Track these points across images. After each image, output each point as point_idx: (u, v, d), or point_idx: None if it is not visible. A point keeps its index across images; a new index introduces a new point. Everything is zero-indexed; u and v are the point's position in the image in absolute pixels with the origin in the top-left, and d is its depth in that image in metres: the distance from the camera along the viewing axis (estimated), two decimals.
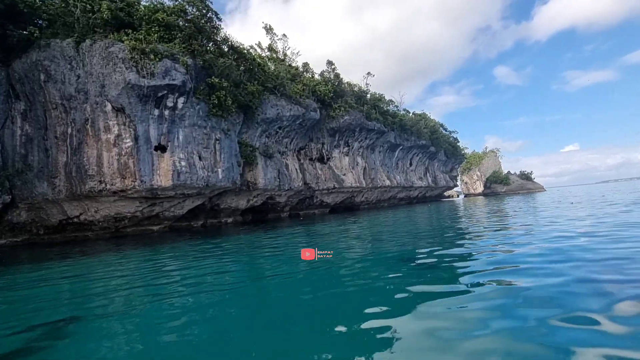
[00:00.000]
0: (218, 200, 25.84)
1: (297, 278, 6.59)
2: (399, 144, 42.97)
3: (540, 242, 7.89)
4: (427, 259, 7.04)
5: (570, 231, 9.33)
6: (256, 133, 26.05)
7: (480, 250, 7.88)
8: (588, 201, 23.74)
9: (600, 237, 8.03)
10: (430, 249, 8.26)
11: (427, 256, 7.37)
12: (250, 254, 10.63)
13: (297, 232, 16.73)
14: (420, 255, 7.58)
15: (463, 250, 8.04)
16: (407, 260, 7.11)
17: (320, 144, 33.78)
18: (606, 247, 6.80)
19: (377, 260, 7.71)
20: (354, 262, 7.64)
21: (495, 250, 7.55)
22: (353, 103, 32.99)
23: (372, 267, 6.99)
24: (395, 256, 7.86)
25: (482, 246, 8.45)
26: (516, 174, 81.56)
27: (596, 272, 5.11)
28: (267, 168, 26.81)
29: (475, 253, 7.53)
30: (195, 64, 19.01)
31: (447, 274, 5.88)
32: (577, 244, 7.36)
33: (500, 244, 8.40)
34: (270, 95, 26.12)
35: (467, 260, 6.76)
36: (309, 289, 5.73)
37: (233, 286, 6.35)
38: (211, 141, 20.48)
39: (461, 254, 7.40)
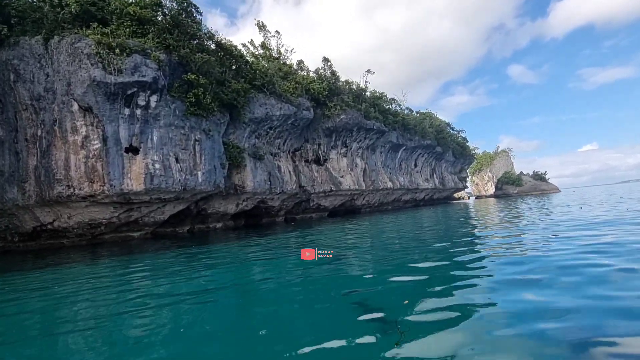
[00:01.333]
0: (205, 205, 24.57)
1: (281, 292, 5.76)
2: (402, 144, 41.05)
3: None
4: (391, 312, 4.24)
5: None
6: (244, 134, 24.71)
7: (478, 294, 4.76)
8: (601, 204, 21.48)
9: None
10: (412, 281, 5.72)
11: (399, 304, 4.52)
12: (233, 264, 9.48)
13: (281, 239, 15.26)
14: (388, 303, 4.69)
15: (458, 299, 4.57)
16: (360, 306, 4.56)
17: (317, 145, 32.25)
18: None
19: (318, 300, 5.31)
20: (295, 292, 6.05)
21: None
22: (350, 101, 31.37)
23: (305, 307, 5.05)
24: (350, 300, 4.97)
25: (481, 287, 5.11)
26: (529, 175, 78.09)
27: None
28: (257, 170, 25.42)
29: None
30: (170, 59, 17.79)
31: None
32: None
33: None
34: (259, 94, 24.77)
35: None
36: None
37: (208, 298, 5.75)
38: (190, 142, 19.20)
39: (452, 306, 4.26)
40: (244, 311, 5.10)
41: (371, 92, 36.79)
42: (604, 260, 5.79)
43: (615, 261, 5.71)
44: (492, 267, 6.35)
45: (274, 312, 4.71)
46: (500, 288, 4.80)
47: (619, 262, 5.66)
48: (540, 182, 74.70)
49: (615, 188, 79.62)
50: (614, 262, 5.66)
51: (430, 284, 5.32)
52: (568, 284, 4.73)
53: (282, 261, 9.47)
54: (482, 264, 6.70)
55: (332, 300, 5.08)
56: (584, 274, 5.08)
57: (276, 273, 7.70)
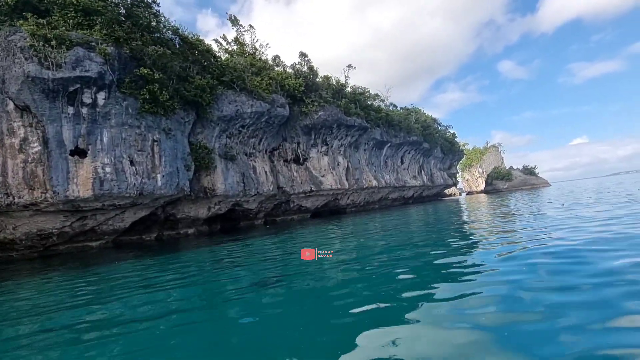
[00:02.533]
0: (173, 210, 23.11)
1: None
2: (387, 141, 39.86)
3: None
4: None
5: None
6: (213, 133, 23.27)
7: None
8: (586, 199, 20.46)
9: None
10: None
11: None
12: (197, 275, 8.26)
13: (252, 244, 13.93)
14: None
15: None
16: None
17: (295, 144, 30.91)
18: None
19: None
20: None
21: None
22: (329, 97, 30.07)
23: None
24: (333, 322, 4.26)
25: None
26: (519, 169, 77.50)
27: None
28: (228, 172, 24.01)
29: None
30: (120, 53, 16.30)
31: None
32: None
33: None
34: (228, 91, 23.36)
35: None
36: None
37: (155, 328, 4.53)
38: (147, 143, 17.74)
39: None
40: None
41: (352, 87, 35.54)
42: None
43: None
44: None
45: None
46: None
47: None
48: (530, 176, 74.04)
49: (605, 180, 79.69)
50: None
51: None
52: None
53: (253, 269, 8.28)
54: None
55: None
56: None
57: (245, 286, 6.49)
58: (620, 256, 5.48)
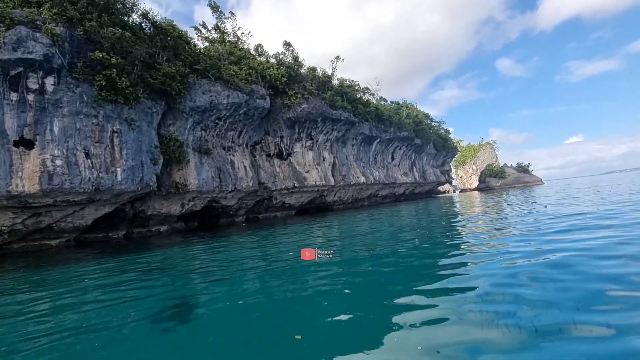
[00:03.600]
0: (142, 206, 21.78)
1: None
2: (376, 136, 38.59)
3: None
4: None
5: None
6: (186, 125, 21.89)
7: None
8: (573, 198, 19.39)
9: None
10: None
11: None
12: (158, 279, 7.39)
13: (226, 243, 12.68)
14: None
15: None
16: None
17: (279, 138, 29.58)
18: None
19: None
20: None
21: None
22: (313, 89, 28.69)
23: None
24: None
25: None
26: (512, 167, 76.60)
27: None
28: (203, 166, 22.66)
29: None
30: (72, 34, 14.84)
31: None
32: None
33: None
34: (203, 80, 21.94)
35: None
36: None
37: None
38: (106, 134, 16.35)
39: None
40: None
41: (340, 79, 34.13)
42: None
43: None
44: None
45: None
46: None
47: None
48: (523, 174, 73.15)
49: (600, 179, 79.19)
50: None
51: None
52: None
53: (178, 281, 7.12)
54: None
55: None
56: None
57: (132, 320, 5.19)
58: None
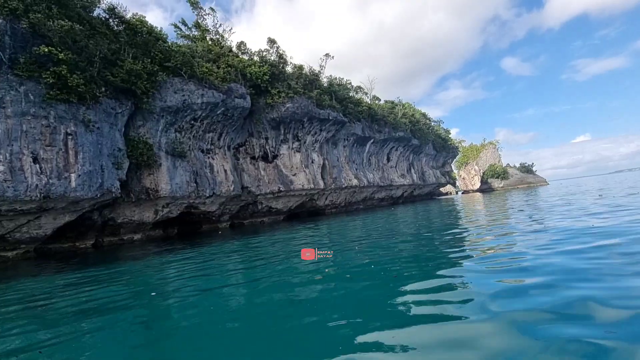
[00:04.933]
0: (112, 214, 20.43)
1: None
2: (369, 136, 36.98)
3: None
4: None
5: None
6: (158, 126, 20.53)
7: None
8: (567, 203, 17.59)
9: None
10: None
11: None
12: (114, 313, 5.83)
13: (194, 254, 11.19)
14: None
15: None
16: None
17: (264, 139, 28.14)
18: None
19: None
20: None
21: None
22: (299, 88, 27.23)
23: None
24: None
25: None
26: (516, 167, 74.33)
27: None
28: (177, 170, 21.27)
29: None
30: (14, 27, 13.55)
31: None
32: None
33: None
34: (175, 78, 20.59)
35: None
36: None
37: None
38: (58, 136, 14.99)
39: None
40: None
41: (328, 78, 32.64)
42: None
43: None
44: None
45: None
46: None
47: None
48: (527, 174, 70.79)
49: (608, 178, 76.66)
50: None
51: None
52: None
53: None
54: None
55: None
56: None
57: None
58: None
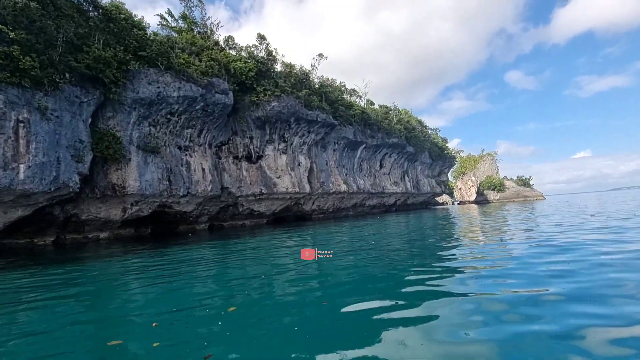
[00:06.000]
0: (75, 209, 19.14)
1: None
2: (361, 141, 35.81)
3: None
4: None
5: None
6: (129, 119, 19.31)
7: None
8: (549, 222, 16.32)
9: None
10: None
11: None
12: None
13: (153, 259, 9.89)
14: None
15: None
16: None
17: (248, 139, 26.93)
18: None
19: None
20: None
21: None
22: (287, 87, 26.08)
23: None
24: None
25: None
26: (513, 180, 73.20)
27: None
28: (147, 167, 20.02)
29: None
30: None
31: None
32: None
33: None
34: (150, 69, 19.42)
35: None
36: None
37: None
38: (7, 123, 13.75)
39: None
40: None
41: (320, 78, 31.53)
42: None
43: None
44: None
45: None
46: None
47: None
48: (524, 187, 69.61)
49: (607, 195, 75.62)
50: None
51: None
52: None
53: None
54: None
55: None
56: None
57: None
58: None
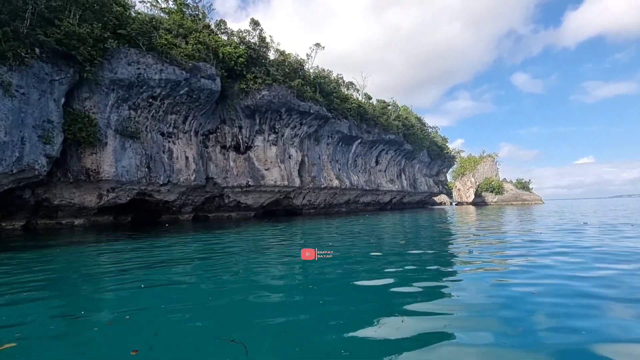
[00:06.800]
0: (47, 194, 18.28)
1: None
2: (357, 136, 34.76)
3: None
4: None
5: None
6: (107, 101, 18.33)
7: None
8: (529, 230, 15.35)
9: None
10: None
11: None
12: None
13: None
14: None
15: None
16: None
17: (237, 128, 25.93)
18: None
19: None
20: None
21: None
22: (278, 75, 25.00)
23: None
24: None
25: None
26: (512, 182, 72.13)
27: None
28: (125, 152, 19.09)
29: None
30: None
31: None
32: None
33: None
34: (131, 49, 18.40)
35: None
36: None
37: None
38: None
39: None
40: None
41: (315, 68, 30.42)
42: None
43: None
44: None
45: None
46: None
47: None
48: (522, 191, 68.53)
49: (606, 202, 74.69)
50: None
51: None
52: None
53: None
54: None
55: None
56: None
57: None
58: None
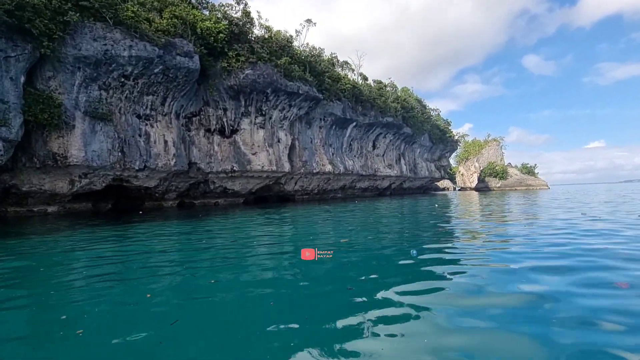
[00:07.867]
0: (14, 180, 17.35)
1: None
2: (351, 118, 33.17)
3: None
4: None
5: None
6: (73, 80, 17.09)
7: None
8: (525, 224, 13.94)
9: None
10: None
11: None
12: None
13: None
14: None
15: None
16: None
17: (221, 110, 24.59)
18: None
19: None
20: None
21: None
22: (263, 53, 23.41)
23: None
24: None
25: None
26: (517, 167, 70.04)
27: None
28: (96, 135, 17.96)
29: None
30: None
31: None
32: None
33: None
34: (98, 23, 17.00)
35: None
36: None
37: None
38: None
39: None
40: None
41: (305, 46, 28.63)
42: None
43: None
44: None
45: None
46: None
47: None
48: (527, 176, 66.48)
49: (617, 187, 72.33)
50: None
51: None
52: None
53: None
54: None
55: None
56: None
57: None
58: None
